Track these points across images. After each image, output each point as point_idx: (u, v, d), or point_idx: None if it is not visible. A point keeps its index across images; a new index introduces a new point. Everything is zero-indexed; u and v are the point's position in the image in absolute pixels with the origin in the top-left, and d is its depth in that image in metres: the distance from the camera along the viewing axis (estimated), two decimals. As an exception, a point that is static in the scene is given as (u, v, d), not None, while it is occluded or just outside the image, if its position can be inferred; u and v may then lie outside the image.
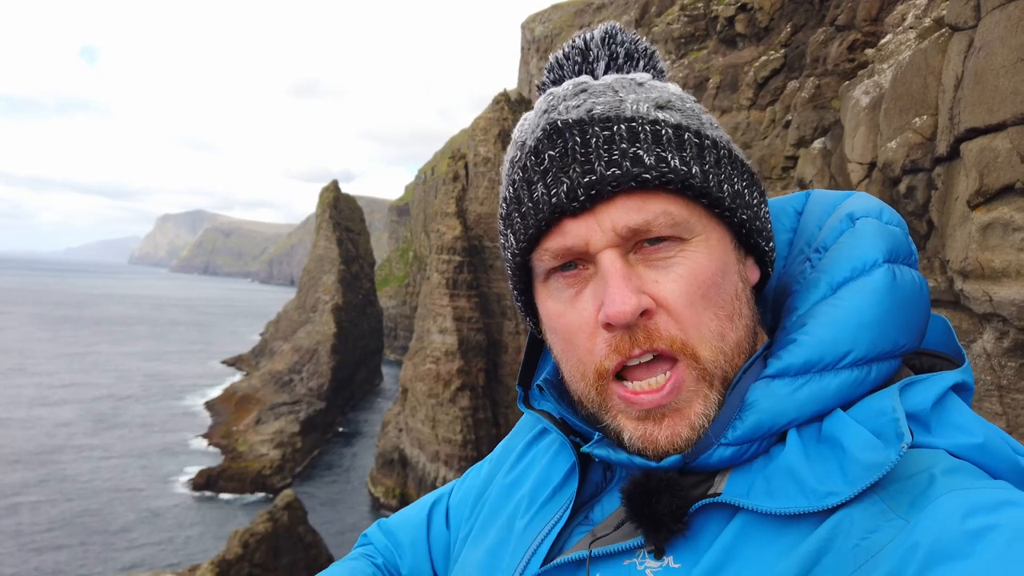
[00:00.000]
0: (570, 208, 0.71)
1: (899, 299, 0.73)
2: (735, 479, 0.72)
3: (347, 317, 69.71)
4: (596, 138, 0.72)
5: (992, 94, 5.03)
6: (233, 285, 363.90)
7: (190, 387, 77.80)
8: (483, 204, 47.79)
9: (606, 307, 0.70)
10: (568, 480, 0.87)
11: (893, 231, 0.78)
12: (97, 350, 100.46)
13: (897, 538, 0.59)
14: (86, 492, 46.52)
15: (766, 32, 17.48)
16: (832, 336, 0.71)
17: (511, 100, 52.81)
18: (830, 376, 0.70)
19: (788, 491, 0.67)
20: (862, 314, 0.71)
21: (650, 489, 0.71)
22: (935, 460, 0.65)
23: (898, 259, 0.76)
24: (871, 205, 0.81)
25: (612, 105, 0.74)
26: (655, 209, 0.71)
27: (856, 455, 0.64)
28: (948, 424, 0.69)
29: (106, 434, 58.96)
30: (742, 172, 0.79)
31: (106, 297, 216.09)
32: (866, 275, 0.73)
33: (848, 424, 0.67)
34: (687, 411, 0.73)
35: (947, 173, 5.87)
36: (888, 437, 0.64)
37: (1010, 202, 4.88)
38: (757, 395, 0.72)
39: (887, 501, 0.62)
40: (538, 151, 0.75)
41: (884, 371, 0.72)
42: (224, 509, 46.08)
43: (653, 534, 0.71)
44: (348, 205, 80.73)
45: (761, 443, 0.72)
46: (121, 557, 38.07)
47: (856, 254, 0.75)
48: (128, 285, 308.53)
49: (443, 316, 45.57)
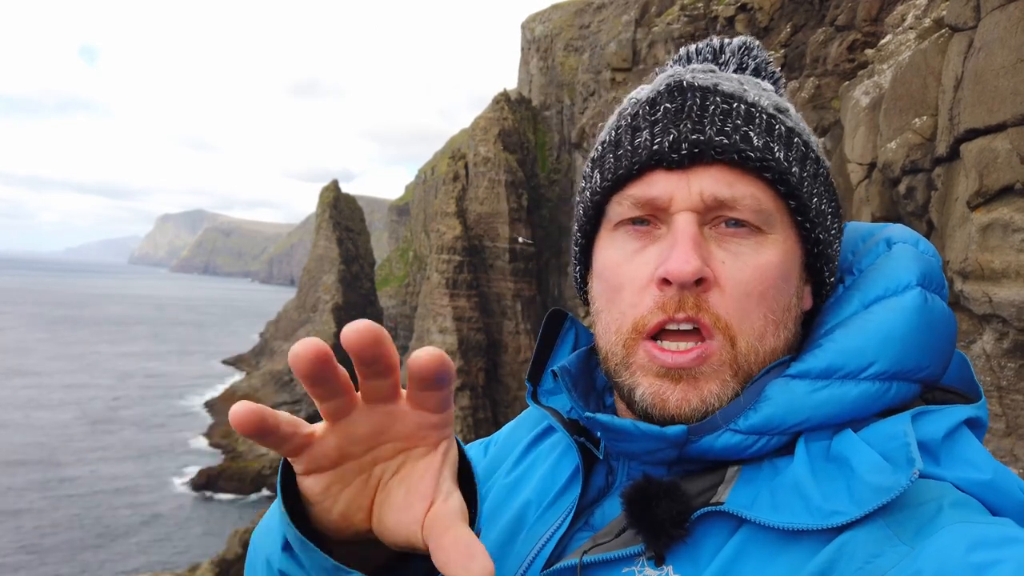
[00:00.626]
0: (668, 158, 0.71)
1: (928, 322, 0.72)
2: (739, 489, 0.71)
3: (347, 317, 69.63)
4: (715, 106, 0.73)
5: (992, 95, 5.03)
6: (233, 285, 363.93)
7: (190, 387, 77.75)
8: (483, 204, 47.78)
9: (669, 262, 0.70)
10: (571, 484, 0.85)
11: (928, 259, 0.78)
12: (97, 350, 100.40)
13: (900, 564, 0.58)
14: (86, 492, 46.49)
15: (766, 32, 17.49)
16: (857, 345, 0.71)
17: (511, 100, 52.79)
18: (851, 384, 0.70)
19: (793, 506, 0.66)
20: (891, 328, 0.71)
21: (651, 494, 0.70)
22: (943, 492, 0.64)
23: (931, 287, 0.76)
24: (908, 234, 0.82)
25: (736, 88, 0.75)
26: (746, 190, 0.71)
27: (864, 477, 0.63)
28: (957, 457, 0.68)
29: (106, 434, 58.93)
30: (832, 198, 0.79)
31: (106, 297, 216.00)
32: (899, 295, 0.74)
33: (858, 445, 0.66)
34: (703, 384, 0.73)
35: (947, 174, 5.87)
36: (899, 462, 0.63)
37: (1010, 203, 4.88)
38: (775, 390, 0.72)
39: (893, 527, 0.62)
40: (655, 103, 0.76)
41: (903, 392, 0.72)
42: (224, 509, 46.05)
43: (653, 540, 0.69)
44: (348, 205, 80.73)
45: (770, 439, 0.71)
46: (121, 557, 38.04)
47: (890, 275, 0.76)
48: (128, 285, 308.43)
49: (443, 316, 45.57)
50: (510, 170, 47.72)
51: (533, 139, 52.64)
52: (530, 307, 46.92)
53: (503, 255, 47.03)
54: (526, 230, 47.72)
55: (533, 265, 47.97)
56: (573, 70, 48.53)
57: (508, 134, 49.57)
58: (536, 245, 48.46)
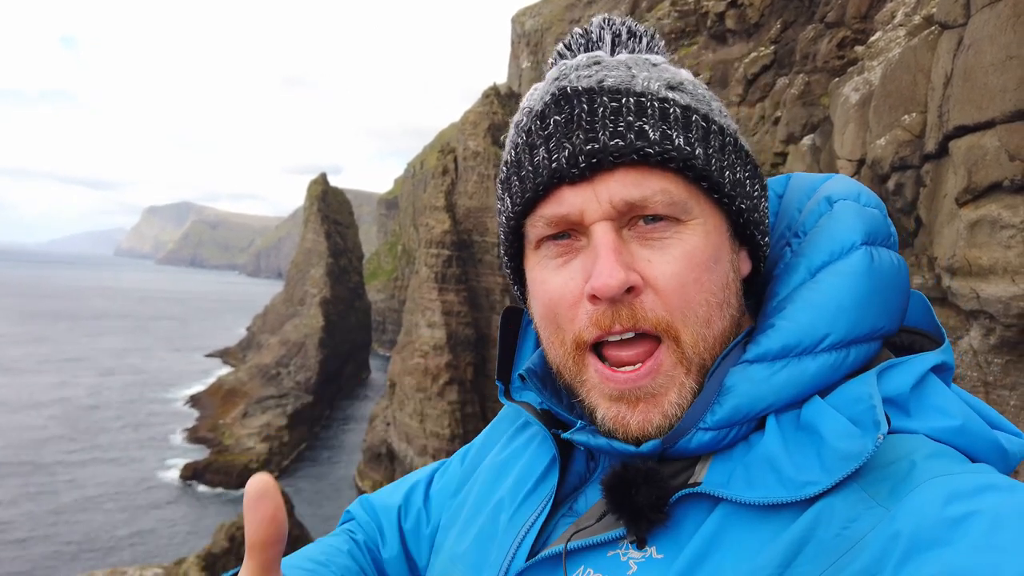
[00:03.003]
0: (569, 175, 0.71)
1: (877, 281, 0.72)
2: (715, 468, 0.71)
3: (335, 310, 69.47)
4: (604, 108, 0.71)
5: (981, 92, 5.04)
6: (220, 278, 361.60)
7: (176, 381, 77.28)
8: (472, 198, 47.71)
9: (593, 279, 0.69)
10: (549, 472, 0.86)
11: (871, 213, 0.77)
12: (82, 344, 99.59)
13: (878, 527, 0.59)
14: (71, 486, 46.18)
15: (756, 28, 17.50)
16: (810, 320, 0.71)
17: (501, 94, 52.71)
18: (808, 360, 0.70)
19: (767, 480, 0.66)
20: (840, 297, 0.71)
21: (629, 480, 0.70)
22: (915, 446, 0.64)
23: (876, 241, 0.75)
24: (849, 187, 0.81)
25: (623, 79, 0.73)
26: (654, 186, 0.70)
27: (833, 444, 0.63)
28: (927, 407, 0.68)
29: (91, 428, 58.51)
30: (745, 162, 0.78)
31: (91, 290, 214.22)
32: (844, 258, 0.73)
33: (825, 412, 0.66)
34: (661, 398, 0.72)
35: (936, 170, 5.89)
36: (866, 425, 0.63)
37: (998, 199, 4.89)
38: (735, 379, 0.71)
39: (867, 489, 0.62)
40: (544, 116, 0.74)
41: (863, 353, 0.72)
42: (210, 503, 45.87)
43: (633, 525, 0.70)
44: (336, 198, 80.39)
45: (740, 428, 0.71)
46: (106, 551, 37.84)
47: (834, 237, 0.75)
48: (113, 277, 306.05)
49: (432, 310, 45.50)
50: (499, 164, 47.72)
51: (523, 133, 52.63)
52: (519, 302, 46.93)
53: (492, 250, 46.99)
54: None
55: (522, 260, 47.99)
56: (563, 65, 48.47)
57: (498, 128, 49.48)
58: (525, 240, 48.47)
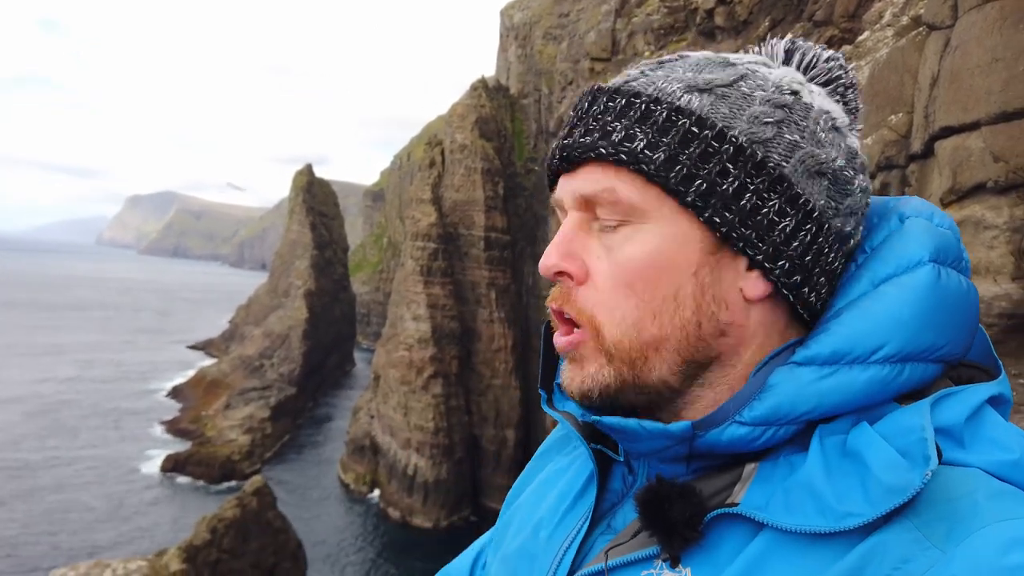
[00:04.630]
0: (558, 165, 0.77)
1: (941, 300, 0.70)
2: (754, 490, 0.69)
3: (319, 302, 69.13)
4: (597, 107, 0.75)
5: (967, 93, 5.09)
6: (203, 268, 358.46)
7: (158, 372, 76.66)
8: (459, 191, 47.58)
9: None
10: (588, 488, 0.85)
11: (943, 232, 0.75)
12: (62, 335, 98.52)
13: (932, 570, 0.56)
14: (51, 478, 45.74)
15: (744, 26, 17.56)
16: (866, 328, 0.69)
17: (488, 87, 52.53)
18: (859, 369, 0.68)
19: (805, 507, 0.63)
20: (900, 309, 0.69)
21: (663, 495, 0.69)
22: (976, 484, 0.61)
23: (946, 261, 0.73)
24: (923, 207, 0.79)
25: (646, 80, 0.75)
26: (606, 184, 0.72)
27: (879, 475, 0.60)
28: (983, 439, 0.65)
29: (72, 420, 57.94)
30: (739, 174, 0.71)
31: (72, 280, 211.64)
32: (909, 272, 0.71)
33: (873, 440, 0.63)
34: (585, 364, 0.75)
35: (921, 171, 5.94)
36: (915, 458, 0.60)
37: (982, 200, 4.95)
38: (780, 379, 0.70)
39: (922, 529, 0.59)
40: (572, 108, 0.80)
41: (919, 374, 0.69)
42: (192, 495, 45.60)
43: (667, 542, 0.69)
44: (322, 189, 79.84)
45: (778, 430, 0.69)
46: (87, 543, 37.53)
47: (901, 252, 0.73)
48: (95, 267, 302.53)
49: (417, 303, 45.39)
50: (487, 158, 47.52)
51: (510, 127, 52.46)
52: (504, 296, 46.91)
53: (478, 243, 46.92)
54: (502, 218, 47.64)
55: (508, 254, 47.92)
56: (552, 59, 48.34)
57: (485, 121, 49.33)
58: (512, 234, 48.40)
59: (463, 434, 44.05)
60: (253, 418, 55.05)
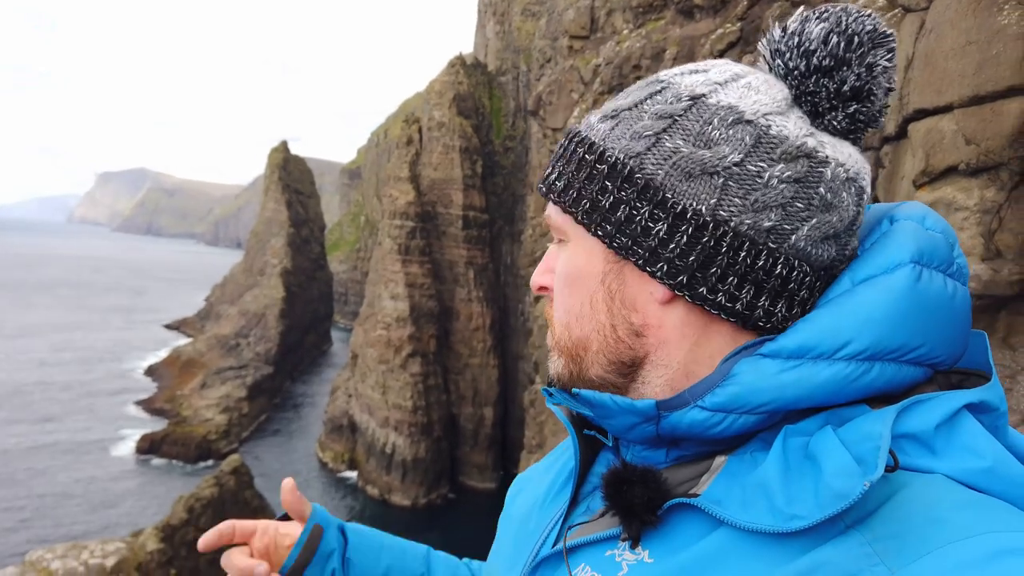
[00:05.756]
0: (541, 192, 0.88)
1: (918, 302, 0.69)
2: (717, 483, 0.71)
3: (296, 281, 68.57)
4: (562, 148, 0.85)
5: (940, 76, 5.13)
6: (178, 247, 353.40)
7: (132, 351, 75.79)
8: (437, 169, 47.23)
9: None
10: (573, 474, 0.91)
11: (932, 235, 0.75)
12: (33, 314, 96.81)
13: None
14: (26, 459, 45.20)
15: (723, 5, 17.50)
16: (833, 325, 0.69)
17: (466, 64, 51.99)
18: (823, 365, 0.68)
19: (759, 505, 0.65)
20: (872, 308, 0.69)
21: (624, 478, 0.74)
22: (940, 494, 0.60)
23: (931, 264, 0.72)
24: (915, 210, 0.79)
25: (594, 130, 0.82)
26: (548, 211, 0.86)
27: (828, 480, 0.61)
28: (956, 446, 0.64)
29: (45, 400, 57.17)
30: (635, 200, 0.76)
31: (43, 258, 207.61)
32: (887, 273, 0.71)
33: (832, 445, 0.63)
34: (553, 357, 0.88)
35: (895, 152, 6.00)
36: (868, 465, 0.60)
37: (953, 182, 5.00)
38: (743, 368, 0.71)
39: (874, 544, 0.58)
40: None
41: (890, 376, 0.68)
42: (168, 475, 45.35)
43: (626, 523, 0.73)
44: (298, 167, 78.79)
45: (736, 418, 0.71)
46: (64, 525, 37.25)
47: (885, 253, 0.73)
48: (66, 245, 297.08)
49: (395, 282, 45.18)
50: (465, 136, 47.17)
51: (488, 105, 52.04)
52: (482, 275, 46.85)
53: (456, 222, 46.71)
54: (480, 197, 47.42)
55: (486, 233, 47.78)
56: (530, 36, 47.87)
57: (463, 99, 48.89)
58: (490, 213, 48.23)
59: (441, 412, 44.15)
60: (230, 397, 54.73)
